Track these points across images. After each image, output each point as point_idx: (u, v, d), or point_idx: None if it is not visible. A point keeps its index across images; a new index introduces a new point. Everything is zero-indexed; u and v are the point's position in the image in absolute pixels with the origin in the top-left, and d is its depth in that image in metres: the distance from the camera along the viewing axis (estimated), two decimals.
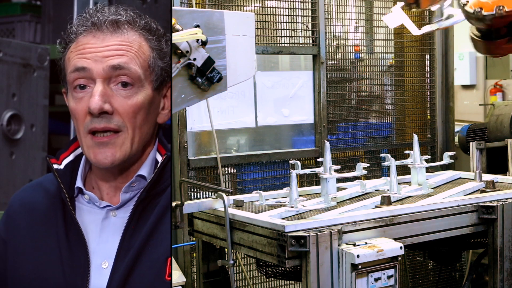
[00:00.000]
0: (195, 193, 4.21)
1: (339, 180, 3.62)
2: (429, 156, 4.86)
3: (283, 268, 3.04)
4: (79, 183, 2.22)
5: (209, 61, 2.71)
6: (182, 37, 2.62)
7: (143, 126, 2.14)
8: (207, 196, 4.13)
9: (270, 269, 3.17)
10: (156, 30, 2.19)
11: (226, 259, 3.14)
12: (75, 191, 2.22)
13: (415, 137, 3.97)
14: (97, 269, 2.14)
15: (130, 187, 2.17)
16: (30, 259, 2.21)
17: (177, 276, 3.40)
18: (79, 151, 2.27)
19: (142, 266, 2.11)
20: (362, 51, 5.01)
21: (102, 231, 2.17)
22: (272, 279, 4.14)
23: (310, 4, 4.59)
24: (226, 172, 4.35)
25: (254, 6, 4.66)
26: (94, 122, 2.08)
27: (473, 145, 4.65)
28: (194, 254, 4.13)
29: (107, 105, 2.07)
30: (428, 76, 5.22)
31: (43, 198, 2.27)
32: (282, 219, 3.01)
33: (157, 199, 2.16)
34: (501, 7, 2.62)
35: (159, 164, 2.18)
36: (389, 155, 3.77)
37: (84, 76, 2.09)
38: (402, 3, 3.18)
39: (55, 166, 2.24)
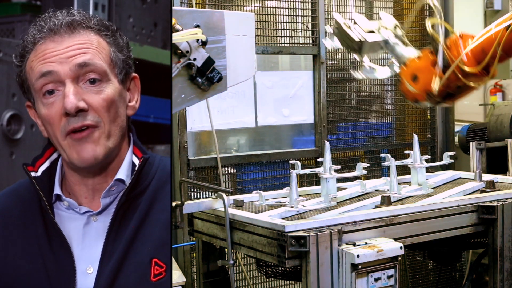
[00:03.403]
0: (195, 193, 4.21)
1: (339, 180, 3.62)
2: (429, 156, 4.86)
3: (283, 268, 3.04)
4: (57, 190, 2.22)
5: (209, 61, 2.72)
6: (182, 37, 2.63)
7: (117, 119, 2.16)
8: (207, 196, 4.13)
9: (270, 269, 3.17)
10: (109, 26, 2.22)
11: (226, 259, 3.14)
12: (54, 198, 2.22)
13: (415, 137, 3.97)
14: (83, 275, 2.15)
15: (109, 191, 2.18)
16: (13, 268, 2.20)
17: (177, 276, 3.39)
18: (54, 156, 2.27)
19: (126, 269, 2.12)
20: None
21: (85, 236, 2.18)
22: (272, 279, 4.14)
23: (310, 4, 4.60)
24: (226, 172, 4.35)
25: (254, 6, 4.66)
26: (71, 123, 2.09)
27: (473, 145, 4.64)
28: (194, 254, 4.13)
29: (82, 103, 2.09)
30: None
31: (19, 205, 2.26)
32: (282, 219, 3.01)
33: (138, 201, 2.17)
34: None
35: (136, 167, 2.19)
36: (389, 155, 3.77)
37: (52, 80, 2.10)
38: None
39: (33, 174, 2.23)
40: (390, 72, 2.93)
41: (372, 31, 2.91)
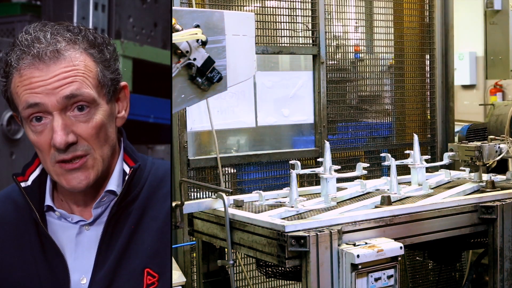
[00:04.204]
0: (195, 193, 4.20)
1: (339, 180, 3.62)
2: (429, 156, 4.86)
3: (283, 268, 3.04)
4: (48, 201, 2.20)
5: (209, 61, 2.72)
6: (182, 37, 2.63)
7: (107, 140, 2.14)
8: (207, 196, 4.13)
9: (270, 269, 3.17)
10: (95, 39, 2.15)
11: (226, 259, 3.14)
12: (45, 207, 2.20)
13: (415, 137, 3.97)
14: (76, 285, 2.15)
15: (100, 202, 2.17)
16: (6, 277, 2.19)
17: (177, 276, 3.39)
18: None
19: (119, 279, 2.12)
20: (362, 51, 5.00)
21: (77, 246, 2.17)
22: (272, 279, 4.14)
23: (310, 4, 4.59)
24: (226, 172, 4.35)
25: (254, 6, 4.66)
26: (62, 155, 2.06)
27: None
28: (194, 254, 4.12)
29: (71, 136, 2.06)
30: (428, 76, 5.22)
31: (13, 211, 2.25)
32: (282, 219, 3.01)
33: (129, 209, 2.16)
34: None
35: (127, 177, 2.17)
36: (389, 155, 3.77)
37: (39, 111, 2.06)
38: None
39: (23, 184, 2.21)
40: None
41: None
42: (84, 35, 2.13)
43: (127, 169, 2.19)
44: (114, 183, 2.18)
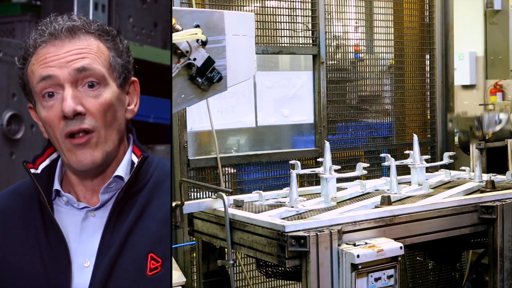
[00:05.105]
0: (195, 193, 4.21)
1: (339, 180, 3.62)
2: (429, 156, 4.86)
3: (283, 268, 3.04)
4: (56, 186, 2.26)
5: (209, 61, 2.72)
6: (182, 37, 2.63)
7: (114, 123, 2.20)
8: (207, 196, 4.13)
9: (270, 269, 3.17)
10: (110, 31, 2.26)
11: (226, 259, 3.14)
12: (53, 194, 2.26)
13: (415, 137, 3.97)
14: (80, 268, 2.18)
15: (108, 188, 2.22)
16: (12, 263, 2.23)
17: (177, 276, 3.39)
18: (54, 155, 2.31)
19: (123, 263, 2.16)
20: (362, 51, 5.01)
21: (82, 231, 2.22)
22: (272, 279, 4.14)
23: (310, 4, 4.59)
24: (226, 172, 4.35)
25: (254, 6, 4.66)
26: (69, 125, 2.14)
27: (473, 145, 4.64)
28: (194, 254, 4.13)
29: (79, 107, 2.13)
30: (428, 76, 5.22)
31: (20, 203, 2.30)
32: (282, 219, 3.02)
33: (135, 198, 2.21)
34: None
35: (135, 165, 2.23)
36: (389, 155, 3.77)
37: (52, 84, 2.15)
38: None
39: (32, 171, 2.28)
40: None
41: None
42: (99, 24, 2.25)
43: (136, 160, 2.25)
44: (122, 171, 2.23)
